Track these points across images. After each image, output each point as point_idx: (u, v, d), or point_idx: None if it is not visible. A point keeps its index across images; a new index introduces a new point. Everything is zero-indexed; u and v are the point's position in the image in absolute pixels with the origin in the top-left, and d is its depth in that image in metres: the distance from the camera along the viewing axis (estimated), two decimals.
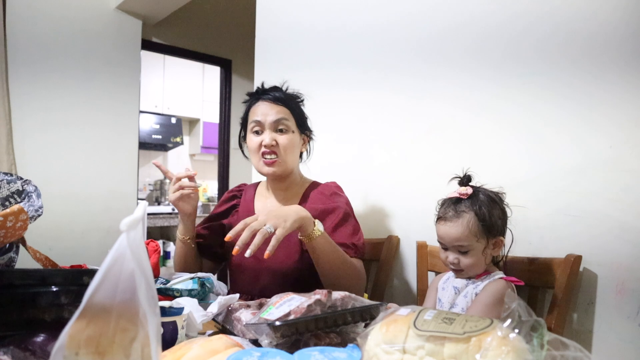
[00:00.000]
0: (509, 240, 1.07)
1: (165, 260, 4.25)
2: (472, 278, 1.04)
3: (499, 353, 0.49)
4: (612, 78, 1.06)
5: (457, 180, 1.08)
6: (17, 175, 1.05)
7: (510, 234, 1.07)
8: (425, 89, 1.45)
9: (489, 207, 1.01)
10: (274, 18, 2.04)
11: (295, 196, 1.34)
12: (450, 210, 1.04)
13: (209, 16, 3.76)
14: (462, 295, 1.04)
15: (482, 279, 1.03)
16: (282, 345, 0.71)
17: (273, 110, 1.27)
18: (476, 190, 1.04)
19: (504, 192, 1.07)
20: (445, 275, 1.13)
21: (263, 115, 1.27)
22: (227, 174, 3.92)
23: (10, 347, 0.57)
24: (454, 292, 1.06)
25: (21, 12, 2.69)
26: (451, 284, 1.08)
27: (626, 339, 1.02)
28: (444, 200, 1.08)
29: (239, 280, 1.30)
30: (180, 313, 0.79)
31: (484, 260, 1.03)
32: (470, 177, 1.07)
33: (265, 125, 1.26)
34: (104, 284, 0.47)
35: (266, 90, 1.32)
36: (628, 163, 1.03)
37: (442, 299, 1.10)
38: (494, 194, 1.05)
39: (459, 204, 1.03)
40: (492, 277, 1.02)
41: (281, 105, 1.28)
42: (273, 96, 1.29)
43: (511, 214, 1.06)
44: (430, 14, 1.45)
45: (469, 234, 1.00)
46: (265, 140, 1.25)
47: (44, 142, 2.75)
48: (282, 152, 1.26)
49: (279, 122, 1.26)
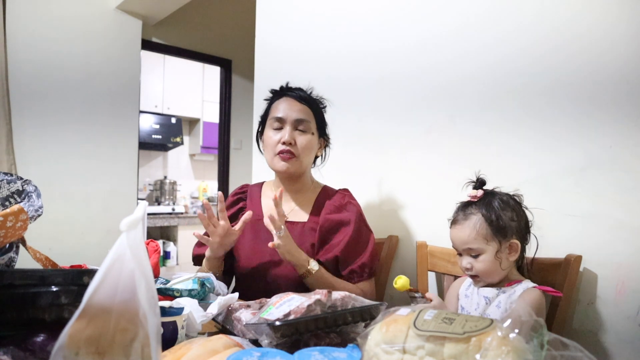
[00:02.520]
0: (533, 245, 1.04)
1: (165, 260, 4.25)
2: (502, 287, 1.01)
3: (499, 353, 0.49)
4: (612, 78, 1.06)
5: (472, 185, 1.07)
6: (17, 175, 1.05)
7: (535, 239, 1.04)
8: (425, 89, 1.45)
9: (500, 209, 0.99)
10: (274, 18, 2.04)
11: (307, 203, 1.32)
12: (460, 214, 1.04)
13: (209, 16, 3.76)
14: (494, 306, 0.99)
15: (514, 287, 0.99)
16: (282, 345, 0.71)
17: (296, 107, 1.26)
18: (489, 193, 1.03)
19: (521, 194, 1.04)
20: (466, 281, 1.09)
21: (285, 111, 1.25)
22: (227, 174, 3.92)
23: (10, 347, 0.57)
24: (485, 302, 1.01)
25: (21, 12, 2.69)
26: (481, 293, 1.03)
27: (626, 339, 1.02)
28: (457, 205, 1.07)
29: (247, 287, 1.26)
30: (180, 313, 0.79)
31: (499, 265, 0.99)
32: (483, 181, 1.06)
33: (287, 122, 1.25)
34: (104, 284, 0.47)
35: (291, 88, 1.31)
36: (628, 163, 1.03)
37: (465, 307, 1.06)
38: (509, 196, 1.03)
39: (468, 207, 1.03)
40: (523, 286, 0.98)
41: (305, 105, 1.28)
42: (298, 94, 1.29)
43: (532, 217, 1.04)
44: (434, 14, 1.45)
45: (477, 235, 0.98)
46: (284, 137, 1.23)
47: (44, 142, 2.75)
48: (299, 151, 1.25)
49: (300, 122, 1.25)
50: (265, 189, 1.40)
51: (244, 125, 3.92)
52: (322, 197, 1.33)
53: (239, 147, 3.96)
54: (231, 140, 3.92)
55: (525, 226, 1.03)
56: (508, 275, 1.02)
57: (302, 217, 1.30)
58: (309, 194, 1.34)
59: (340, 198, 1.31)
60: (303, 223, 1.29)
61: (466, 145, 1.34)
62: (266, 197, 1.37)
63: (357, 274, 1.22)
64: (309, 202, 1.32)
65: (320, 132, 1.32)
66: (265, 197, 1.37)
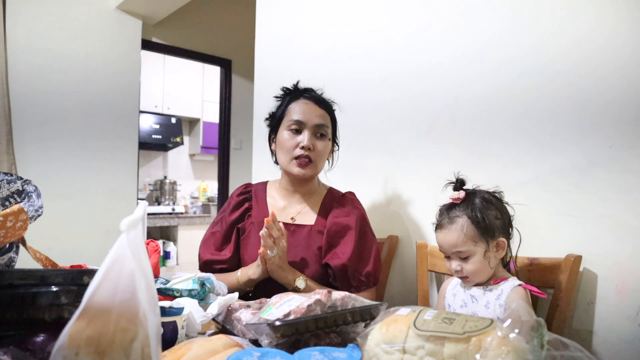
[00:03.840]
0: (516, 239, 1.04)
1: (165, 260, 4.25)
2: (487, 285, 1.01)
3: (499, 353, 0.49)
4: (612, 78, 1.06)
5: (452, 185, 1.06)
6: (17, 175, 1.05)
7: (518, 233, 1.04)
8: (425, 89, 1.45)
9: (484, 209, 0.99)
10: (274, 18, 2.04)
11: (315, 205, 1.32)
12: (445, 217, 1.03)
13: (209, 16, 3.76)
14: (482, 305, 1.00)
15: (500, 285, 0.99)
16: (282, 345, 0.71)
17: (316, 112, 1.25)
18: (470, 193, 1.02)
19: (500, 191, 1.04)
20: (453, 281, 1.10)
21: (306, 115, 1.24)
22: (227, 174, 3.92)
23: (10, 347, 0.57)
24: (471, 300, 1.02)
25: (21, 12, 2.69)
26: (467, 292, 1.04)
27: (626, 339, 1.02)
28: (440, 208, 1.06)
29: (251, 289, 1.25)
30: (180, 313, 0.79)
31: (488, 264, 1.00)
32: (463, 181, 1.05)
33: (307, 126, 1.24)
34: (104, 284, 0.47)
35: (307, 89, 1.31)
36: (628, 163, 1.03)
37: (452, 305, 1.06)
38: (490, 194, 1.02)
39: (452, 210, 1.02)
40: (510, 284, 0.98)
41: (323, 110, 1.27)
42: (316, 97, 1.28)
43: (514, 212, 1.04)
44: (434, 14, 1.45)
45: (465, 238, 0.98)
46: (304, 142, 1.22)
47: (44, 142, 2.75)
48: (316, 157, 1.25)
49: (320, 127, 1.25)
50: (270, 189, 1.39)
51: (244, 125, 3.91)
52: (328, 199, 1.33)
53: (239, 147, 3.96)
54: (231, 140, 3.92)
55: (508, 222, 1.03)
56: (494, 272, 1.02)
57: (309, 220, 1.30)
58: (316, 196, 1.34)
59: (347, 202, 1.32)
60: (310, 226, 1.29)
61: (466, 145, 1.34)
62: (271, 197, 1.37)
63: (364, 283, 1.23)
64: (316, 205, 1.32)
65: (333, 137, 1.32)
66: (271, 197, 1.37)
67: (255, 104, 2.06)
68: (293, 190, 1.33)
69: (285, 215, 1.30)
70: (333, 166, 1.40)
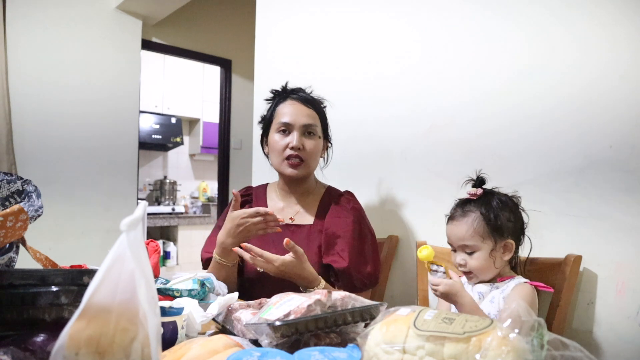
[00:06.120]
0: (527, 247, 1.05)
1: (165, 260, 4.25)
2: (494, 282, 1.02)
3: (499, 353, 0.49)
4: (612, 78, 1.06)
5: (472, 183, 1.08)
6: (17, 175, 1.05)
7: (529, 240, 1.06)
8: (425, 89, 1.45)
9: (498, 209, 1.00)
10: (274, 18, 2.04)
11: (312, 205, 1.32)
12: (458, 210, 1.05)
13: (209, 16, 3.76)
14: (487, 301, 1.01)
15: (506, 282, 1.00)
16: (282, 345, 0.71)
17: (304, 112, 1.26)
18: (488, 192, 1.04)
19: (519, 196, 1.05)
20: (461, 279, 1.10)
21: (293, 116, 1.25)
22: (227, 174, 3.91)
23: (10, 347, 0.57)
24: (478, 297, 1.03)
25: (21, 12, 2.69)
26: (475, 289, 1.05)
27: (626, 339, 1.02)
28: (456, 202, 1.08)
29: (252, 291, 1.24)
30: (180, 313, 0.79)
31: (493, 264, 1.01)
32: (483, 180, 1.07)
33: (295, 127, 1.25)
34: (104, 284, 0.47)
35: (294, 90, 1.31)
36: (628, 163, 1.03)
37: None
38: (507, 197, 1.04)
39: (467, 205, 1.04)
40: (516, 281, 1.00)
41: (311, 109, 1.28)
42: (302, 97, 1.29)
43: (528, 220, 1.05)
44: (433, 13, 1.45)
45: (473, 233, 1.00)
46: (293, 142, 1.23)
47: (44, 141, 2.75)
48: (307, 156, 1.25)
49: (308, 127, 1.26)
50: (269, 191, 1.40)
51: (244, 125, 3.91)
52: (326, 198, 1.33)
53: (239, 147, 3.95)
54: (231, 140, 3.92)
55: (521, 228, 1.05)
56: (500, 272, 1.03)
57: (307, 220, 1.31)
58: (313, 195, 1.34)
59: (345, 202, 1.31)
60: (309, 226, 1.29)
61: (466, 145, 1.34)
62: (271, 199, 1.37)
63: (366, 285, 1.23)
64: (314, 204, 1.33)
65: (324, 134, 1.32)
66: (270, 199, 1.38)
67: (255, 104, 2.06)
68: (290, 191, 1.33)
69: (284, 216, 1.31)
70: (328, 163, 1.40)
